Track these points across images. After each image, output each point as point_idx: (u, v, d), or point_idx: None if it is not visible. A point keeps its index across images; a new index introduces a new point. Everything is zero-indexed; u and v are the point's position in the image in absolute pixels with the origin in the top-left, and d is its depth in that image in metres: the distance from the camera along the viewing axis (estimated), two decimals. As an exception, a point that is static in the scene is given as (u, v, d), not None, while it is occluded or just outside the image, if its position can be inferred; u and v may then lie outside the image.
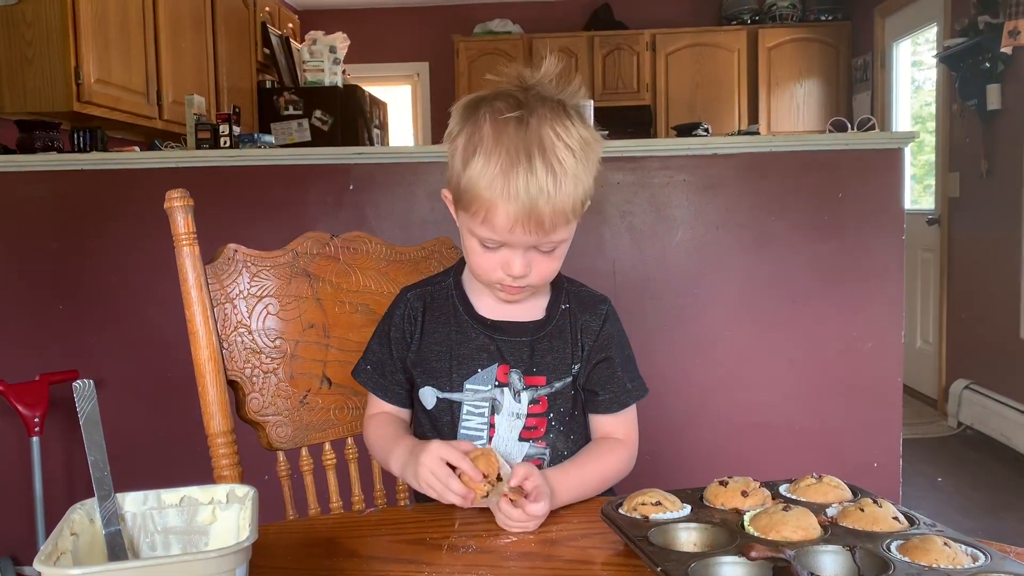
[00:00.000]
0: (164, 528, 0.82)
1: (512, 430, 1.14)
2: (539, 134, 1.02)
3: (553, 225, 1.03)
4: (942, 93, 4.76)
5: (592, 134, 1.08)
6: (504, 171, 1.01)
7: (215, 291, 1.23)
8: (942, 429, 4.35)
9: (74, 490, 2.66)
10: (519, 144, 1.01)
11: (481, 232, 1.06)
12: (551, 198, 1.01)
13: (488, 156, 1.02)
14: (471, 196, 1.04)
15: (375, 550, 0.95)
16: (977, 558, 0.78)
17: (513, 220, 1.02)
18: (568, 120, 1.05)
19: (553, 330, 1.16)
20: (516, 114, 1.03)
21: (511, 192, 1.00)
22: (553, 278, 1.16)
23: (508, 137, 1.02)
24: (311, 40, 5.13)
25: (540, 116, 1.04)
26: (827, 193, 2.61)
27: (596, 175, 1.09)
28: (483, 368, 1.14)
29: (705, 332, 2.66)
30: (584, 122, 1.08)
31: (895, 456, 2.64)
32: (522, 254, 1.06)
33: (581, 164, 1.04)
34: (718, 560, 0.79)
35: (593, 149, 1.07)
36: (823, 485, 0.96)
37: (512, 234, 1.03)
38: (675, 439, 2.67)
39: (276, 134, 4.66)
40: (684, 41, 6.25)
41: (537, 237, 1.04)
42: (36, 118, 3.12)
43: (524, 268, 1.07)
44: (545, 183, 1.00)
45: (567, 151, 1.03)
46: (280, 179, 2.67)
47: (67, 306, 2.68)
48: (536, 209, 1.01)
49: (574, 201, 1.04)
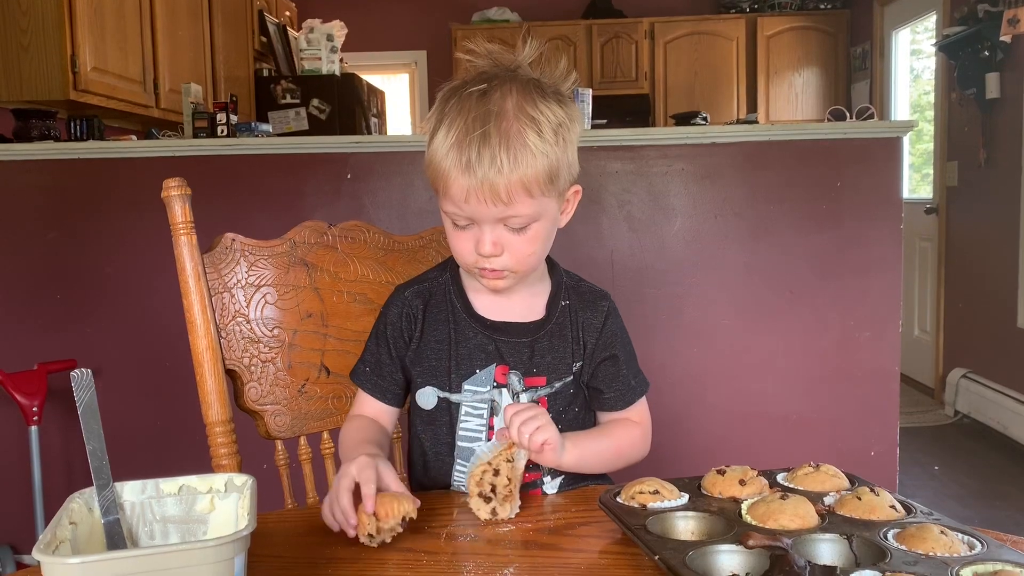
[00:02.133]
0: (163, 517, 0.82)
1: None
2: (500, 105, 1.01)
3: (510, 196, 1.00)
4: (941, 82, 4.76)
5: (569, 115, 1.06)
6: (458, 141, 1.00)
7: (213, 280, 1.23)
8: (939, 418, 4.36)
9: (73, 479, 2.67)
10: (477, 115, 1.00)
11: (446, 207, 1.05)
12: (503, 168, 0.99)
13: (447, 128, 1.02)
14: (433, 170, 1.03)
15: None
16: (974, 546, 0.79)
17: (466, 190, 1.00)
18: (540, 97, 1.04)
19: (553, 328, 1.15)
20: (481, 87, 1.03)
21: (463, 161, 0.99)
22: (535, 263, 1.11)
23: (468, 108, 1.01)
24: (308, 28, 5.11)
25: (505, 90, 1.03)
26: (825, 182, 2.61)
27: (575, 159, 1.08)
28: (481, 368, 1.12)
29: (703, 321, 2.66)
30: (563, 103, 1.06)
31: (892, 445, 2.65)
32: (490, 230, 1.03)
33: (548, 140, 1.02)
34: (716, 548, 0.79)
35: (568, 129, 1.05)
36: (820, 474, 0.96)
37: (468, 205, 1.01)
38: (673, 428, 2.67)
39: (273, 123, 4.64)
40: (683, 29, 6.23)
41: (496, 208, 1.01)
42: (32, 107, 3.11)
43: (493, 247, 1.04)
44: (497, 152, 0.99)
45: (529, 123, 1.01)
46: (278, 168, 2.67)
47: (65, 295, 2.68)
48: (488, 179, 0.99)
49: (535, 173, 1.01)
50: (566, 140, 1.05)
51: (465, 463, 1.13)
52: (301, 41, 5.11)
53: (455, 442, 1.14)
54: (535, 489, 1.11)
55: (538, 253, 1.10)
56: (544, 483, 1.12)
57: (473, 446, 1.12)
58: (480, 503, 0.96)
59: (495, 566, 0.85)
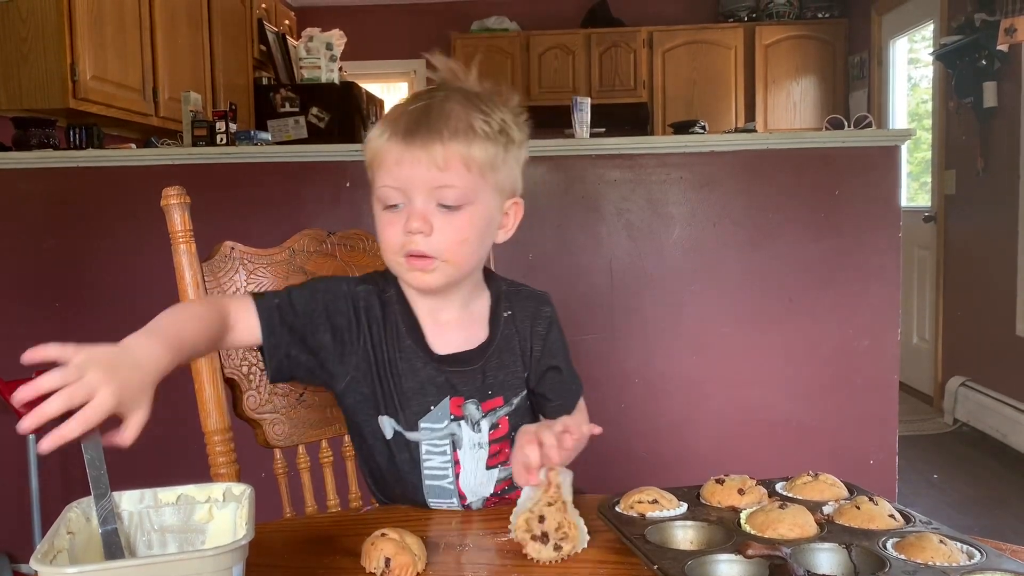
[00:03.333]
0: (161, 527, 0.82)
1: (478, 462, 1.08)
2: (443, 100, 1.02)
3: (446, 161, 0.98)
4: (938, 90, 4.77)
5: (519, 128, 1.06)
6: (395, 117, 1.02)
7: (212, 288, 1.23)
8: (938, 426, 4.36)
9: (71, 488, 2.66)
10: (420, 104, 1.02)
11: (379, 182, 1.02)
12: (442, 134, 0.98)
13: (386, 118, 1.03)
14: (371, 153, 1.03)
15: (372, 548, 0.94)
16: (973, 556, 0.79)
17: (401, 149, 0.99)
18: (488, 102, 1.04)
19: (500, 343, 1.11)
20: (425, 90, 1.06)
21: (400, 128, 1.00)
22: (467, 258, 1.04)
23: (409, 102, 1.03)
24: (308, 37, 5.12)
25: (449, 92, 1.04)
26: (824, 191, 2.61)
27: (518, 176, 1.07)
28: (435, 404, 1.06)
29: (702, 330, 2.66)
30: (514, 115, 1.06)
31: (891, 453, 2.65)
32: (421, 202, 0.99)
33: (492, 131, 1.01)
34: (715, 558, 0.79)
35: (513, 134, 1.04)
36: (819, 483, 0.96)
37: (401, 168, 0.99)
38: (672, 437, 2.67)
39: (272, 131, 4.64)
40: (681, 38, 6.25)
41: (429, 173, 0.98)
42: (32, 115, 3.11)
43: (423, 220, 0.98)
44: (436, 121, 0.99)
45: (475, 111, 1.01)
46: (277, 176, 2.67)
47: (63, 303, 2.67)
48: (426, 144, 0.98)
49: (475, 152, 0.99)
50: (510, 143, 1.04)
51: (438, 500, 1.08)
52: (300, 50, 5.12)
53: (422, 482, 1.08)
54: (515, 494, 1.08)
55: (471, 244, 1.03)
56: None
57: (443, 484, 1.08)
58: (539, 547, 0.88)
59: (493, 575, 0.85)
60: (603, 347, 2.64)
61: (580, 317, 2.61)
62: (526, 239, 2.64)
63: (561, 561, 0.87)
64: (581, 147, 2.69)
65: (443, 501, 1.09)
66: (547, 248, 2.65)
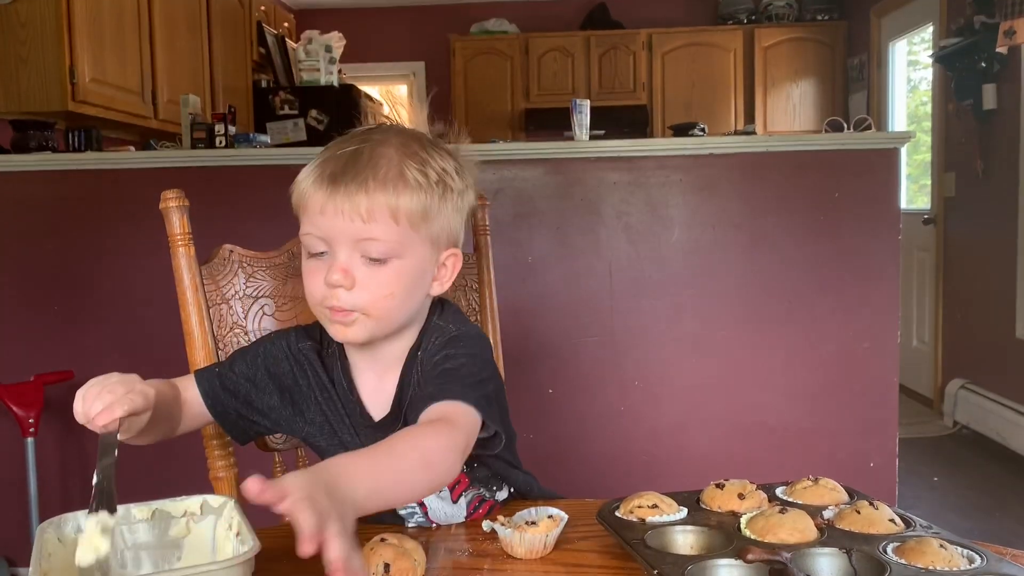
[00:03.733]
0: (134, 544, 0.79)
1: (442, 500, 1.02)
2: (376, 145, 0.96)
3: (370, 212, 0.92)
4: (938, 93, 4.77)
5: (456, 169, 0.99)
6: (324, 161, 0.96)
7: (211, 292, 1.23)
8: (938, 429, 4.36)
9: (69, 491, 2.66)
10: (347, 148, 0.96)
11: (303, 229, 0.97)
12: (367, 183, 0.92)
13: (315, 160, 0.97)
14: (296, 200, 0.97)
15: (371, 553, 0.94)
16: (973, 560, 0.78)
17: (323, 201, 0.93)
18: (429, 144, 0.98)
19: (412, 380, 1.02)
20: (363, 129, 1.00)
21: (326, 174, 0.94)
22: (391, 312, 0.97)
23: (342, 143, 0.98)
24: (307, 39, 5.12)
25: (386, 136, 0.98)
26: (823, 193, 2.61)
27: (458, 225, 1.00)
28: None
29: (701, 332, 2.66)
30: (456, 161, 1.00)
31: (891, 456, 2.65)
32: (344, 255, 0.93)
33: (427, 180, 0.95)
34: (715, 563, 0.79)
35: (447, 186, 0.97)
36: (819, 487, 0.96)
37: (324, 217, 0.93)
38: (671, 441, 2.67)
39: (272, 134, 4.65)
40: (680, 41, 6.25)
41: (353, 225, 0.92)
42: (30, 118, 3.11)
43: (343, 274, 0.93)
44: (365, 168, 0.93)
45: (411, 157, 0.95)
46: (276, 179, 2.64)
47: (62, 306, 2.67)
48: (350, 192, 0.92)
49: (405, 204, 0.93)
50: (448, 192, 0.97)
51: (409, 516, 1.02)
52: (299, 52, 5.13)
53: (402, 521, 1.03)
54: (488, 506, 1.05)
55: (396, 298, 0.96)
56: (496, 498, 1.07)
57: (417, 519, 1.02)
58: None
59: (493, 580, 0.85)
60: (602, 350, 2.64)
61: (579, 320, 2.61)
62: (525, 242, 2.64)
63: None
64: (580, 150, 2.69)
65: (424, 527, 1.03)
66: (546, 251, 2.65)
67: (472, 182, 1.03)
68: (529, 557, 0.89)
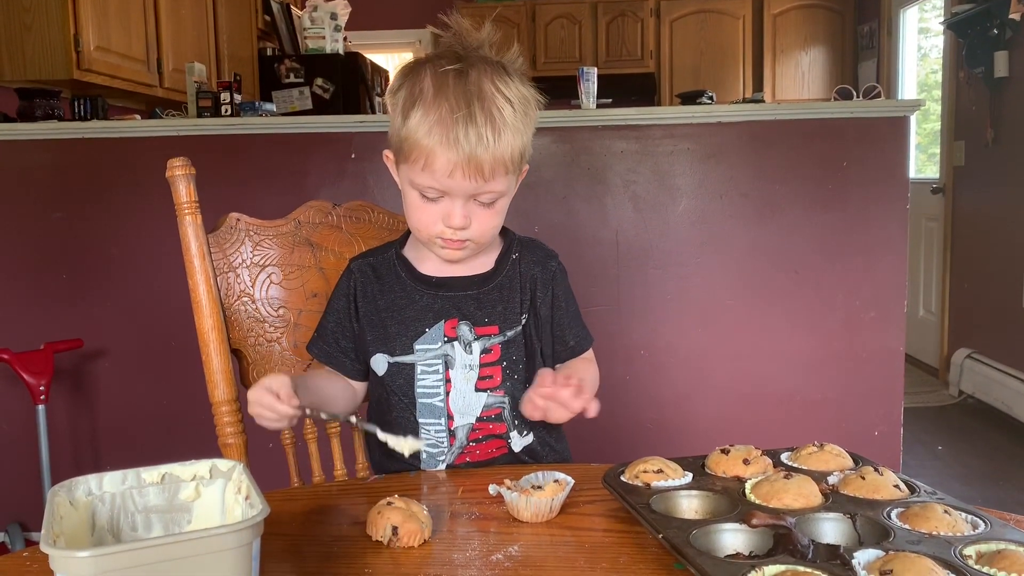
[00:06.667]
0: (145, 507, 0.80)
1: (468, 382, 1.14)
2: (479, 85, 1.05)
3: (492, 172, 1.05)
4: (949, 60, 4.71)
5: (531, 93, 1.11)
6: (444, 119, 1.03)
7: (218, 260, 1.23)
8: (943, 398, 4.36)
9: (80, 457, 2.68)
10: (459, 93, 1.04)
11: (421, 180, 1.06)
12: (490, 145, 1.03)
13: (428, 106, 1.04)
14: (411, 145, 1.05)
15: (379, 517, 0.95)
16: (977, 526, 0.79)
17: (453, 165, 1.03)
18: (507, 77, 1.08)
19: (503, 280, 1.18)
20: (456, 66, 1.06)
21: (451, 138, 1.02)
22: (494, 235, 1.16)
23: (448, 87, 1.05)
24: (312, 7, 5.07)
25: (480, 70, 1.07)
26: (832, 162, 2.60)
27: (532, 136, 1.12)
28: (430, 327, 1.14)
29: (708, 302, 2.66)
30: (524, 82, 1.11)
31: (896, 425, 2.66)
32: (462, 204, 1.07)
33: (520, 117, 1.07)
34: (719, 527, 0.80)
35: (532, 107, 1.10)
36: (824, 453, 0.96)
37: (452, 179, 1.04)
38: (677, 408, 2.68)
39: (277, 102, 4.62)
40: (689, 7, 6.18)
41: (476, 184, 1.05)
42: (36, 86, 3.10)
43: (464, 219, 1.08)
44: (484, 130, 1.03)
45: (506, 102, 1.06)
46: (282, 147, 2.66)
47: (70, 275, 2.68)
48: (476, 156, 1.03)
49: (512, 151, 1.06)
50: (530, 119, 1.10)
51: (428, 421, 1.14)
52: (305, 20, 5.08)
53: (415, 399, 1.15)
54: (500, 443, 1.16)
55: (498, 226, 1.14)
56: (511, 439, 1.16)
57: (434, 402, 1.14)
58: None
59: (500, 543, 0.85)
60: (609, 319, 2.64)
61: (586, 289, 2.61)
62: (532, 210, 2.63)
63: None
64: (587, 118, 2.67)
65: (432, 422, 1.14)
66: (553, 219, 2.64)
67: (535, 95, 1.13)
68: (535, 521, 0.90)
